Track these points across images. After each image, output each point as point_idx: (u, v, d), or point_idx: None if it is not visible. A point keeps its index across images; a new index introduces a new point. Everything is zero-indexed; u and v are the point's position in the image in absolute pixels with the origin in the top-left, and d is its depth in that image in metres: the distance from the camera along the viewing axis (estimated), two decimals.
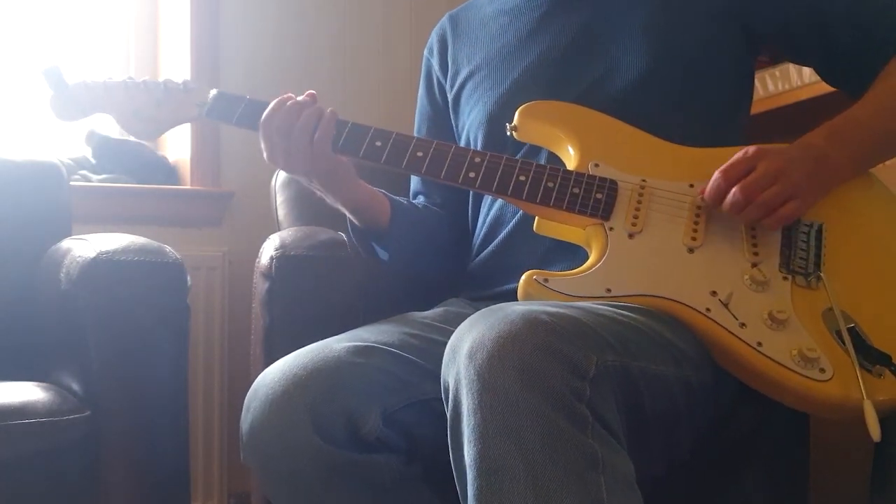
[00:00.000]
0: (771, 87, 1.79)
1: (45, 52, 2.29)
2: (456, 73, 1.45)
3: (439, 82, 1.49)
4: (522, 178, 1.19)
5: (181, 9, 2.30)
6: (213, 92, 1.31)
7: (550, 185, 1.19)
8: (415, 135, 1.50)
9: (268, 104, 1.25)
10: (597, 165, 1.21)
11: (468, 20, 1.48)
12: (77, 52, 2.34)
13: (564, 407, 0.86)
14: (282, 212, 1.71)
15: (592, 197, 1.18)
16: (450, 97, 1.46)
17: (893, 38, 1.24)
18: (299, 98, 1.24)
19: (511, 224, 1.31)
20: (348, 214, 1.34)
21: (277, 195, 1.73)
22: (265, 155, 1.24)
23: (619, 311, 1.03)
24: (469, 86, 1.41)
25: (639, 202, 1.17)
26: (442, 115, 1.49)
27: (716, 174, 1.13)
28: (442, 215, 1.44)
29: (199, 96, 1.31)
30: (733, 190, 1.11)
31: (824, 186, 1.17)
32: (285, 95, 1.24)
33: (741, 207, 1.11)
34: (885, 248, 1.17)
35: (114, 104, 1.31)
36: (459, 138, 1.43)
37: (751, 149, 1.13)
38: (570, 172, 1.20)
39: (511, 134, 1.27)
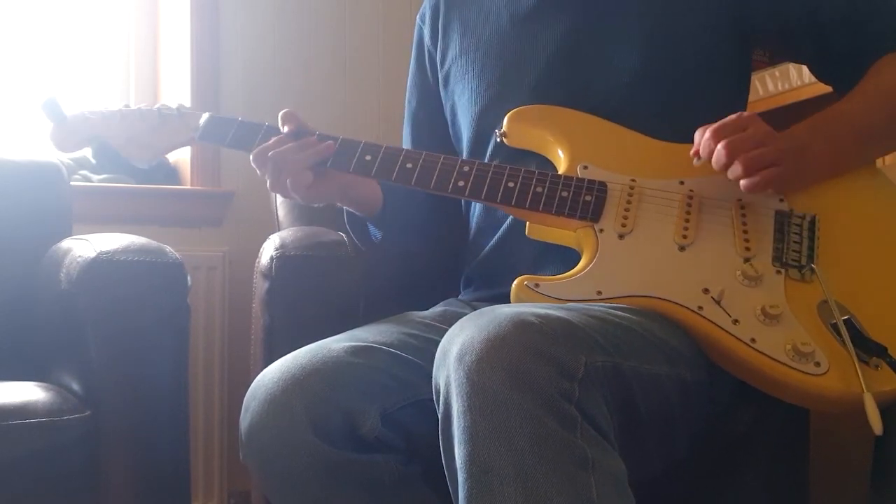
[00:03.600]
0: (771, 87, 1.79)
1: (45, 53, 2.30)
2: (447, 49, 1.44)
3: (430, 53, 1.48)
4: (511, 184, 1.19)
5: (181, 17, 2.31)
6: (205, 116, 1.32)
7: (539, 189, 1.19)
8: (406, 103, 1.52)
9: (258, 125, 1.27)
10: (586, 167, 1.21)
11: None
12: (78, 57, 2.34)
13: (553, 408, 0.87)
14: (282, 212, 1.71)
15: (581, 199, 1.17)
16: (440, 73, 1.45)
17: (885, 36, 1.24)
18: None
19: (503, 227, 1.31)
20: (346, 208, 1.36)
21: (277, 195, 1.73)
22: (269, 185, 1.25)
23: (611, 310, 1.03)
24: (459, 66, 1.40)
25: (628, 202, 1.17)
26: (431, 86, 1.48)
27: (707, 132, 1.12)
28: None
29: (193, 120, 1.32)
30: (718, 146, 1.10)
31: (802, 176, 1.16)
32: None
33: (725, 164, 1.10)
34: (878, 238, 1.17)
35: (112, 132, 1.33)
36: (452, 115, 1.43)
37: (744, 113, 1.14)
38: (559, 176, 1.20)
39: (501, 140, 1.27)
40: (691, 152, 1.15)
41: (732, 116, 1.13)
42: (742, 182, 1.12)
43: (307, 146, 1.24)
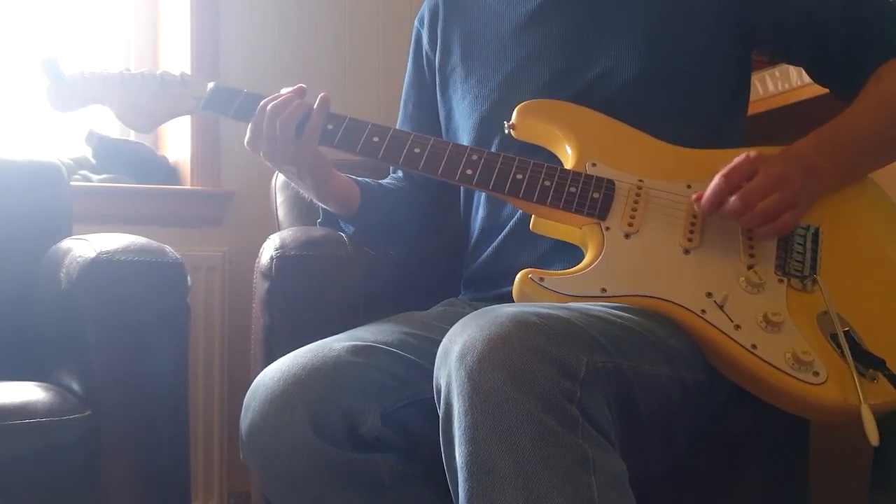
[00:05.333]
0: (771, 87, 1.78)
1: (45, 49, 2.29)
2: (447, 54, 1.43)
3: (428, 56, 1.48)
4: (519, 176, 1.19)
5: (181, 17, 2.30)
6: (211, 85, 1.31)
7: (547, 183, 1.19)
8: (401, 105, 1.51)
9: (265, 97, 1.25)
10: (594, 165, 1.21)
11: None
12: (77, 49, 2.34)
13: (554, 408, 0.87)
14: (282, 212, 1.71)
15: (589, 196, 1.17)
16: (438, 77, 1.45)
17: (885, 43, 1.23)
18: (287, 90, 1.24)
19: (509, 225, 1.31)
20: (320, 204, 1.35)
21: (277, 195, 1.73)
22: (246, 140, 1.24)
23: (612, 311, 1.03)
24: (460, 71, 1.40)
25: (636, 202, 1.17)
26: (428, 88, 1.48)
27: (717, 177, 1.11)
28: (414, 195, 1.44)
29: (197, 89, 1.30)
30: (734, 196, 1.10)
31: (814, 195, 1.16)
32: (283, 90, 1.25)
33: (740, 213, 1.10)
34: (880, 251, 1.17)
35: (110, 96, 1.30)
36: (447, 120, 1.43)
37: (752, 153, 1.12)
38: (568, 171, 1.20)
39: (509, 132, 1.27)
40: (693, 197, 1.14)
41: (740, 158, 1.12)
42: (758, 231, 1.12)
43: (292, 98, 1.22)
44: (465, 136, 1.37)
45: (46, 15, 2.32)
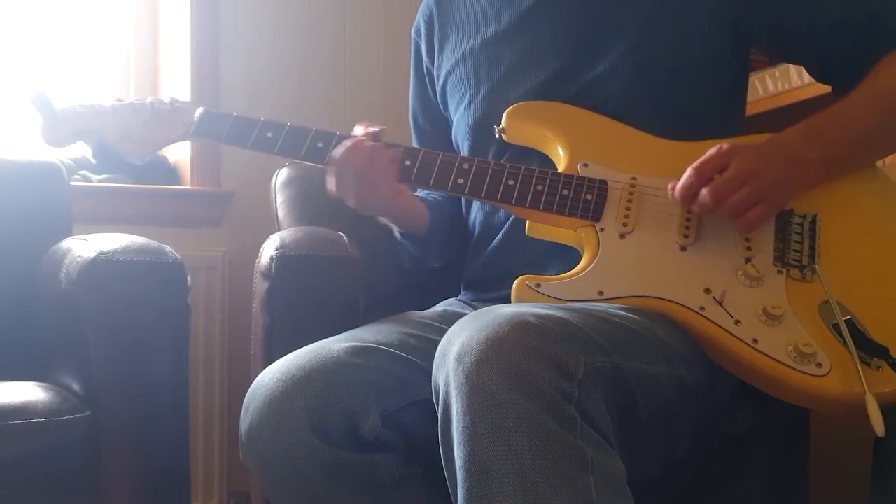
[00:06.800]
0: (771, 87, 1.79)
1: (45, 54, 2.30)
2: (442, 61, 1.43)
3: (427, 67, 1.48)
4: (511, 182, 1.19)
5: (181, 17, 2.31)
6: (199, 111, 1.30)
7: (539, 188, 1.18)
8: (411, 120, 1.52)
9: (254, 120, 1.25)
10: (586, 165, 1.21)
11: (454, 2, 1.45)
12: (77, 57, 2.34)
13: (552, 408, 0.86)
14: (282, 212, 1.71)
15: (582, 198, 1.17)
16: (438, 85, 1.45)
17: (885, 38, 1.23)
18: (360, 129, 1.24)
19: (504, 227, 1.31)
20: (390, 225, 1.35)
21: (277, 195, 1.73)
22: (334, 186, 1.22)
23: (611, 310, 1.03)
24: (455, 77, 1.40)
25: (629, 201, 1.17)
26: (432, 99, 1.48)
27: (688, 170, 1.11)
28: (441, 203, 1.44)
29: (187, 115, 1.30)
30: (703, 191, 1.09)
31: (795, 188, 1.15)
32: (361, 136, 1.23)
33: (710, 207, 1.10)
34: (879, 238, 1.16)
35: (103, 127, 1.31)
36: (451, 124, 1.43)
37: (725, 145, 1.12)
38: (559, 174, 1.19)
39: (500, 136, 1.27)
40: (669, 186, 1.14)
41: (712, 151, 1.11)
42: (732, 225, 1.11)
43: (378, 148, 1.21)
44: (465, 143, 1.37)
45: (47, 15, 2.32)
